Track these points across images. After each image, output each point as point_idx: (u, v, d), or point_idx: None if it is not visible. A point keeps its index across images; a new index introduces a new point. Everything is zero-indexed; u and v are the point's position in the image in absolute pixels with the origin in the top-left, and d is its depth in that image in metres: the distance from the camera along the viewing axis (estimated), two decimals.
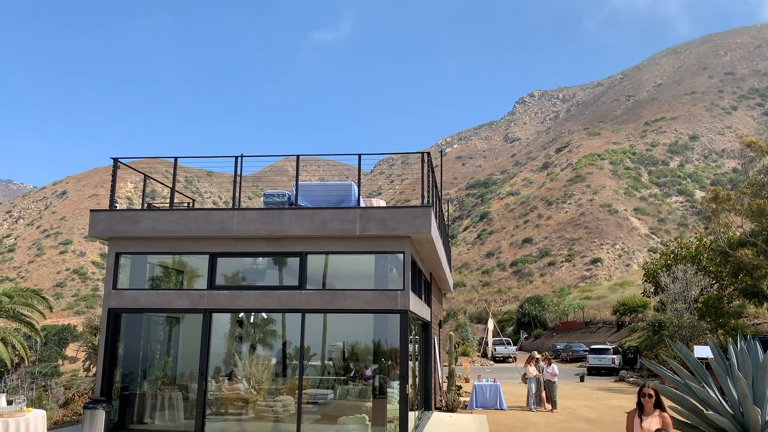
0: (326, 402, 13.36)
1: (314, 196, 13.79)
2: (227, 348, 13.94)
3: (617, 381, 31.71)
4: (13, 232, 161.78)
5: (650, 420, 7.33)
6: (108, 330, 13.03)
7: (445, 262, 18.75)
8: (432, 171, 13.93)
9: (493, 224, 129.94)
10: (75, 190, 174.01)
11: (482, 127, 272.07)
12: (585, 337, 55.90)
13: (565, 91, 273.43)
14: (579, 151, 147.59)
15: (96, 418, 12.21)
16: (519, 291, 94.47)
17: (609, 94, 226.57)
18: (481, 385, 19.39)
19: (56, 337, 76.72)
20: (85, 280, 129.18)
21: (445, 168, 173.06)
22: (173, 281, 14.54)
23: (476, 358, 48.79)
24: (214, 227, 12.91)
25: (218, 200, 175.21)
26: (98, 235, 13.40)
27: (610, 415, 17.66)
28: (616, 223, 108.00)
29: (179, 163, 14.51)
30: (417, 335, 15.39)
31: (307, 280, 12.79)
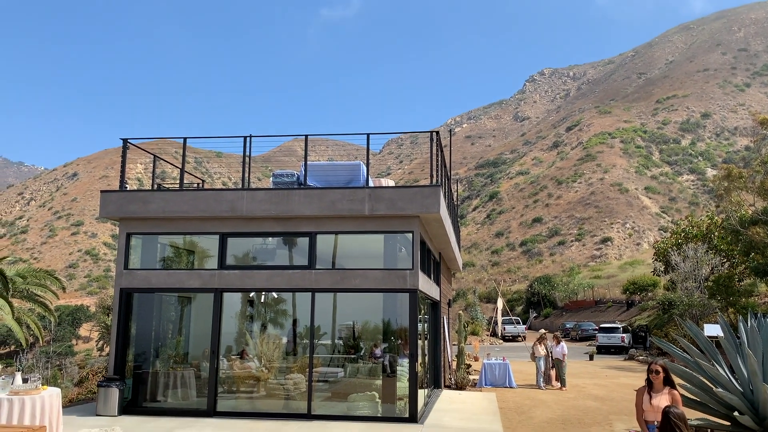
0: (336, 380, 13.48)
1: (323, 176, 13.81)
2: (238, 327, 14.07)
3: (627, 359, 31.77)
4: (25, 213, 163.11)
5: (659, 397, 7.35)
6: (120, 309, 13.18)
7: (454, 241, 18.76)
8: (441, 150, 13.89)
9: (502, 204, 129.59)
10: (86, 171, 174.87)
11: (492, 106, 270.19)
12: (594, 316, 55.93)
13: (575, 68, 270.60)
14: (589, 130, 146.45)
15: (110, 396, 12.40)
16: (528, 271, 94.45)
17: (620, 71, 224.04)
18: (491, 363, 19.49)
19: (70, 317, 77.67)
20: (97, 261, 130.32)
21: (454, 148, 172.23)
22: (184, 261, 14.64)
23: (485, 337, 48.98)
24: (224, 207, 12.96)
25: (228, 181, 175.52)
26: (109, 215, 13.49)
27: (619, 393, 17.72)
28: (626, 202, 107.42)
29: (188, 145, 14.55)
30: (426, 314, 15.46)
31: (317, 260, 12.85)
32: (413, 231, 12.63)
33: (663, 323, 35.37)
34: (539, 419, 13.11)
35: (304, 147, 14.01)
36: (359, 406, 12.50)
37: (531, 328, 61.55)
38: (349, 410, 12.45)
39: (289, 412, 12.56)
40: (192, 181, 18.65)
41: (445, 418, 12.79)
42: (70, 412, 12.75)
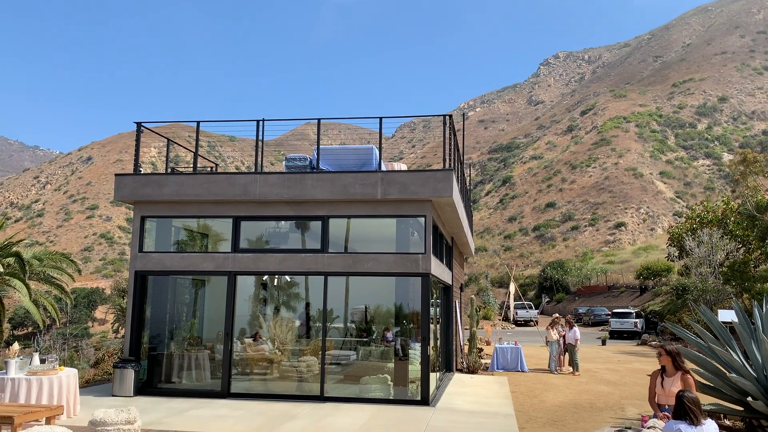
0: (349, 363, 13.57)
1: (336, 160, 13.80)
2: (252, 310, 14.17)
3: (639, 344, 31.70)
4: (41, 197, 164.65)
5: (671, 381, 7.34)
6: (135, 292, 13.31)
7: (467, 226, 18.73)
8: (454, 134, 13.83)
9: (515, 189, 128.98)
10: (100, 155, 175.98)
11: (506, 89, 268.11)
12: (607, 301, 55.76)
13: (591, 52, 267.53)
14: (604, 114, 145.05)
15: (125, 377, 12.57)
16: (541, 255, 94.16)
17: (636, 54, 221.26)
18: (503, 347, 19.51)
19: (85, 299, 78.62)
20: (111, 244, 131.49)
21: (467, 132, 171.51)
22: (198, 244, 14.75)
23: (497, 322, 49.03)
24: (237, 191, 13.01)
25: (241, 165, 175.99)
26: (124, 198, 13.59)
27: (631, 378, 17.71)
28: (641, 187, 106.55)
29: (201, 129, 14.59)
30: (438, 298, 15.49)
31: (329, 244, 12.90)
32: (426, 215, 12.62)
33: (677, 309, 35.20)
34: (551, 403, 13.14)
35: (317, 131, 14.00)
36: (371, 389, 12.60)
37: (543, 313, 61.51)
38: (361, 392, 12.54)
39: (302, 393, 12.68)
40: (205, 165, 18.72)
41: (457, 401, 12.85)
42: (87, 392, 12.95)
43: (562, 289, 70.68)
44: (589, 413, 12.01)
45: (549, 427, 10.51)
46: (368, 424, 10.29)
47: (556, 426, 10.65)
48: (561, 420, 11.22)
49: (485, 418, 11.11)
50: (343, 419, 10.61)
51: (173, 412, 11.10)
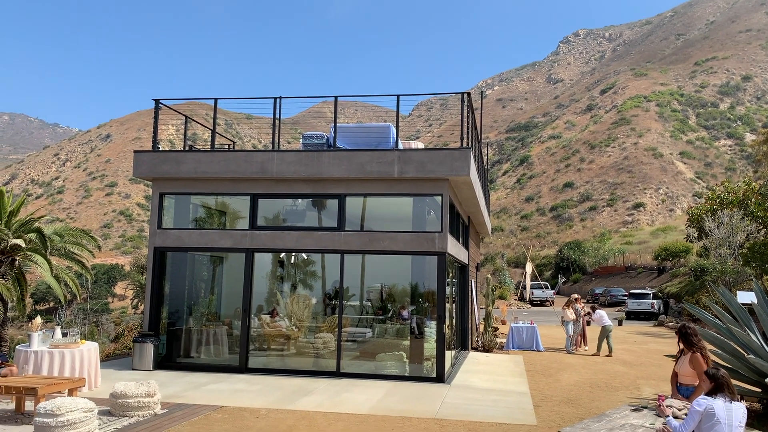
0: (365, 340, 13.68)
1: (353, 138, 13.78)
2: (269, 287, 14.30)
3: (656, 325, 31.57)
4: (61, 174, 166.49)
5: (683, 360, 7.34)
6: (154, 268, 13.47)
7: (484, 205, 18.67)
8: (472, 112, 13.73)
9: (533, 168, 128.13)
10: (118, 133, 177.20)
11: (524, 68, 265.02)
12: (624, 282, 55.49)
13: (611, 29, 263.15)
14: (624, 93, 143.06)
15: (145, 352, 12.79)
16: (558, 236, 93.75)
17: (658, 32, 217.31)
18: (518, 326, 19.53)
19: (105, 275, 79.80)
20: (130, 221, 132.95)
21: (485, 111, 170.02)
22: (216, 221, 14.86)
23: (513, 302, 49.05)
24: (255, 168, 13.06)
25: (257, 143, 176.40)
26: (142, 175, 13.70)
27: (647, 359, 17.67)
28: (660, 167, 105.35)
29: (219, 107, 14.61)
30: (454, 278, 15.51)
31: (346, 222, 12.93)
32: (442, 194, 12.59)
33: (695, 290, 34.95)
34: (566, 382, 13.17)
35: (334, 109, 13.97)
36: (387, 366, 12.70)
37: (559, 294, 61.40)
38: (377, 369, 12.65)
39: (318, 369, 12.81)
40: (223, 143, 18.78)
41: (472, 379, 12.92)
42: (107, 366, 13.19)
43: (578, 269, 70.42)
44: (605, 393, 12.03)
45: (564, 406, 10.54)
46: (384, 399, 10.40)
47: (571, 405, 10.69)
48: (576, 399, 11.25)
49: (500, 396, 11.17)
50: (359, 395, 10.72)
51: (192, 386, 11.28)
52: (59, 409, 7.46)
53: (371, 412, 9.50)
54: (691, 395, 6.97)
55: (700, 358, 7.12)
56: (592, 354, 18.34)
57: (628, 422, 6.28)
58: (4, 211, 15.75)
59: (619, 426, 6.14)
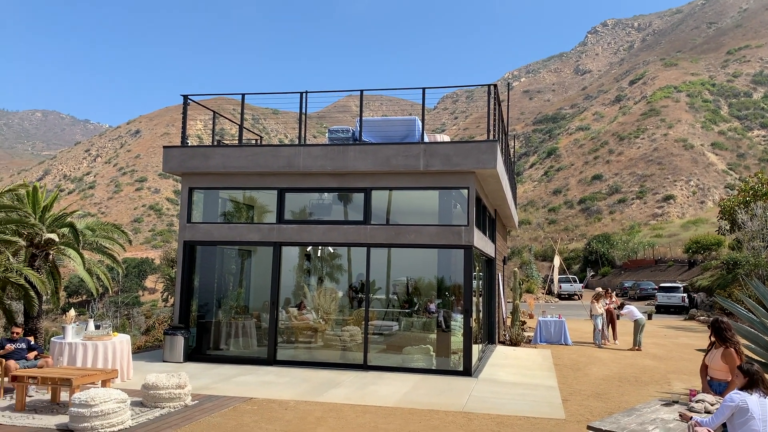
0: (391, 333, 13.72)
1: (378, 131, 13.78)
2: (296, 280, 14.41)
3: (687, 319, 31.09)
4: (92, 169, 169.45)
5: (715, 354, 7.22)
6: (184, 261, 13.66)
7: (511, 198, 18.55)
8: (498, 104, 13.64)
9: (561, 161, 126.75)
10: (148, 129, 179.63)
11: (551, 59, 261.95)
12: (654, 275, 54.71)
13: (640, 19, 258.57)
14: (654, 83, 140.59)
15: (176, 344, 12.99)
16: (587, 229, 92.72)
17: (689, 21, 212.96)
18: (546, 320, 19.39)
19: (136, 269, 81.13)
20: (160, 215, 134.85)
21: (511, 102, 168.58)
22: (244, 215, 15.01)
23: (541, 295, 48.69)
24: (282, 163, 13.15)
25: (284, 138, 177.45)
26: (172, 170, 13.88)
27: (678, 353, 17.43)
28: (691, 159, 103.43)
29: (246, 102, 14.72)
30: (481, 271, 15.45)
31: (372, 216, 12.96)
32: (469, 187, 12.54)
33: (726, 283, 34.32)
34: (595, 376, 13.06)
35: (359, 103, 13.99)
36: (414, 359, 12.72)
37: (588, 287, 60.77)
38: (403, 362, 12.68)
39: (345, 362, 12.89)
40: (250, 138, 18.93)
41: (500, 373, 12.88)
42: (139, 358, 13.43)
43: (607, 263, 69.59)
44: (634, 387, 11.90)
45: (593, 400, 10.46)
46: (411, 392, 10.42)
47: (600, 399, 10.60)
48: (605, 393, 11.15)
49: (528, 390, 11.12)
50: (387, 387, 10.76)
51: (221, 377, 11.43)
52: (93, 400, 7.63)
53: (398, 404, 9.54)
54: (723, 391, 6.86)
55: (734, 353, 6.99)
56: (629, 349, 18.08)
57: (658, 417, 6.21)
58: (38, 207, 16.09)
59: (650, 420, 6.07)
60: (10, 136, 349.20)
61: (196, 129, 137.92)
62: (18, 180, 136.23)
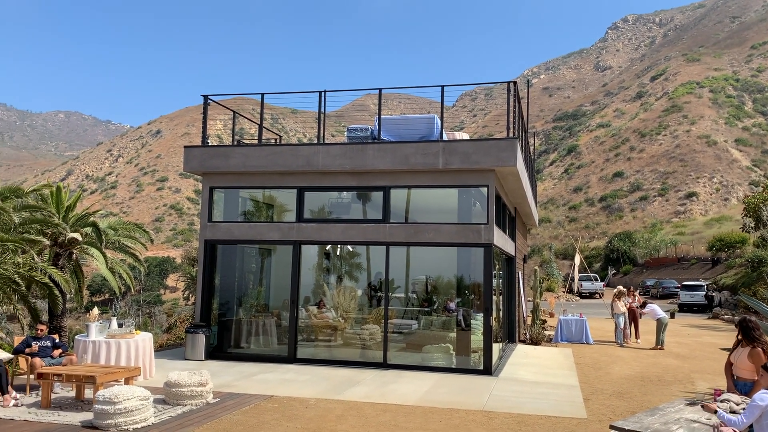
0: (411, 332, 13.71)
1: (397, 130, 13.77)
2: (315, 279, 14.45)
3: (710, 318, 30.68)
4: (114, 169, 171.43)
5: (739, 352, 7.11)
6: (205, 260, 13.77)
7: (531, 196, 18.43)
8: (518, 102, 13.55)
9: (581, 158, 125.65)
10: (168, 129, 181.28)
11: (571, 55, 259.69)
12: (677, 273, 54.06)
13: (662, 14, 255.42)
14: (676, 79, 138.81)
15: (197, 342, 13.10)
16: (608, 227, 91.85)
17: (711, 16, 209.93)
18: (567, 319, 19.24)
19: (157, 268, 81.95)
20: (181, 215, 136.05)
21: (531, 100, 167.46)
22: (264, 215, 15.09)
23: (561, 294, 48.34)
24: (301, 162, 13.19)
25: (303, 137, 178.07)
26: (192, 170, 14.00)
27: (701, 352, 17.20)
28: (714, 155, 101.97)
29: (265, 102, 14.80)
30: (501, 269, 15.37)
31: (391, 214, 12.95)
32: (488, 185, 12.48)
33: (751, 281, 33.79)
34: (617, 375, 12.93)
35: (378, 101, 13.99)
36: (434, 357, 12.70)
37: (609, 285, 60.23)
38: (423, 361, 12.67)
39: (365, 360, 12.90)
40: (269, 138, 19.02)
41: (520, 372, 12.81)
42: (161, 356, 13.56)
43: (629, 261, 68.89)
44: (657, 386, 11.77)
45: (615, 399, 10.36)
46: (431, 391, 10.41)
47: (622, 398, 10.49)
48: (627, 392, 11.04)
49: (549, 389, 11.05)
50: (407, 386, 10.76)
51: (242, 375, 11.51)
52: (117, 397, 7.72)
53: (418, 403, 9.53)
54: (749, 391, 6.75)
55: (761, 353, 6.89)
56: (651, 348, 17.86)
57: (683, 417, 6.13)
58: (61, 206, 16.32)
59: (674, 420, 5.99)
60: (34, 137, 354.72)
61: (216, 129, 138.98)
62: (42, 180, 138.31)
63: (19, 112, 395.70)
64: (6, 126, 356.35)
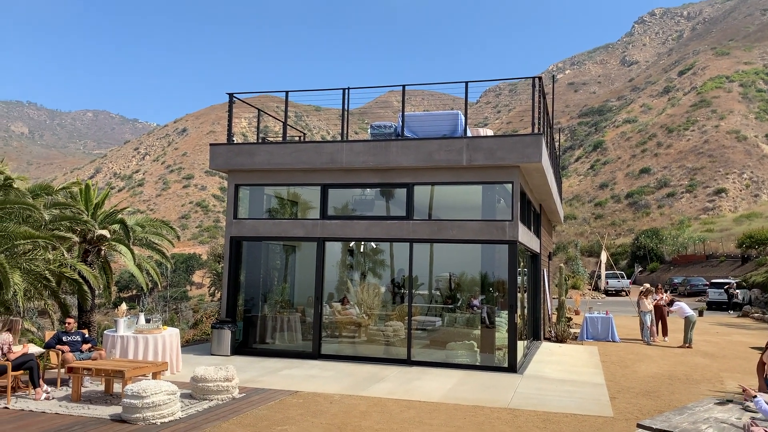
0: (434, 329, 13.69)
1: (420, 126, 13.73)
2: (339, 275, 14.50)
3: (740, 316, 30.15)
4: (141, 167, 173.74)
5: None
6: (231, 256, 13.90)
7: (556, 193, 18.28)
8: (543, 97, 13.44)
9: (607, 154, 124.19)
10: (194, 127, 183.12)
11: (597, 50, 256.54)
12: (705, 271, 53.21)
13: (690, 7, 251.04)
14: (704, 74, 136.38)
15: (223, 337, 13.23)
16: (634, 224, 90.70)
17: (741, 8, 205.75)
18: (593, 317, 19.06)
19: (184, 264, 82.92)
20: (207, 212, 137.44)
21: (556, 95, 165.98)
22: (288, 212, 15.18)
23: (587, 291, 47.89)
24: (325, 159, 13.24)
25: (326, 135, 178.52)
26: (218, 167, 14.13)
27: (731, 351, 16.91)
28: (744, 151, 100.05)
29: (289, 100, 14.87)
30: (526, 267, 15.27)
31: (414, 211, 12.93)
32: (513, 181, 12.40)
33: None
34: (644, 374, 12.78)
35: (402, 98, 13.96)
36: (458, 355, 12.67)
37: (636, 283, 59.51)
38: (447, 358, 12.64)
39: (389, 357, 12.92)
40: (293, 135, 19.12)
41: (545, 369, 12.73)
42: (187, 351, 13.73)
43: (656, 258, 67.98)
44: (685, 385, 11.60)
45: (642, 398, 10.24)
46: (455, 388, 10.39)
47: (649, 397, 10.37)
48: (655, 391, 10.90)
49: (574, 387, 10.96)
50: (431, 383, 10.75)
51: (267, 371, 11.60)
52: (145, 392, 7.84)
53: (443, 400, 9.52)
54: None
55: None
56: (679, 346, 17.60)
57: (712, 416, 6.03)
58: (90, 204, 16.60)
59: (703, 420, 5.90)
60: (63, 135, 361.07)
61: (240, 127, 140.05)
62: (71, 178, 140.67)
63: (48, 111, 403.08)
64: (36, 125, 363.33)
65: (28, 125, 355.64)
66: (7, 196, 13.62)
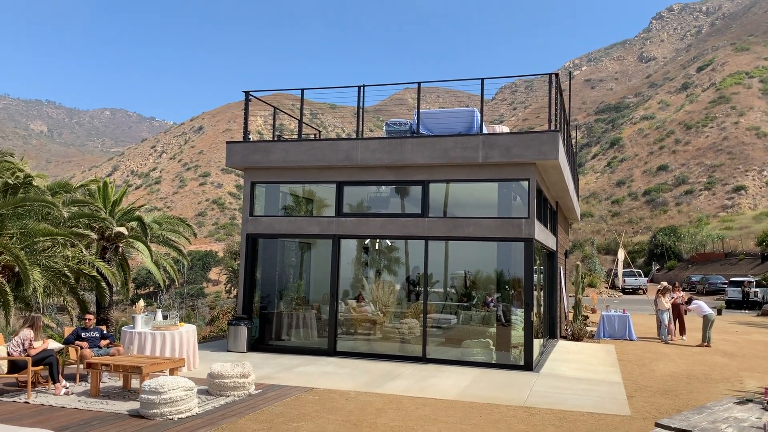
0: (450, 327, 13.67)
1: (436, 124, 13.68)
2: (354, 273, 14.52)
3: (759, 315, 29.79)
4: (158, 165, 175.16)
5: None
6: (247, 253, 13.97)
7: (573, 190, 18.15)
8: (560, 94, 13.34)
9: (624, 151, 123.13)
10: (210, 125, 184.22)
11: (614, 46, 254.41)
12: (724, 269, 52.66)
13: (709, 3, 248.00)
14: (724, 70, 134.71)
15: (239, 334, 13.31)
16: (652, 221, 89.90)
17: (762, 3, 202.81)
18: (609, 315, 18.92)
19: (200, 261, 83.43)
20: (223, 209, 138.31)
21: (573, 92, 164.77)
22: (304, 209, 15.23)
23: (604, 290, 47.56)
24: (340, 157, 13.25)
25: (341, 132, 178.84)
26: (234, 165, 14.20)
27: (751, 350, 16.70)
28: (764, 148, 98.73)
29: (304, 98, 14.90)
30: (542, 265, 15.19)
31: (430, 208, 12.91)
32: (529, 179, 12.33)
33: None
34: (661, 372, 12.66)
35: (417, 95, 13.94)
36: (473, 353, 12.64)
37: (653, 281, 59.03)
38: (462, 356, 12.62)
39: (404, 354, 12.92)
40: (309, 133, 19.15)
41: (562, 368, 12.65)
42: (204, 347, 13.82)
43: (674, 256, 67.37)
44: (704, 384, 11.48)
45: (659, 397, 10.15)
46: (471, 386, 10.36)
47: (667, 396, 10.27)
48: (673, 390, 10.80)
49: (591, 385, 10.89)
50: (446, 380, 10.74)
51: (283, 367, 11.65)
52: (162, 387, 7.90)
53: (458, 398, 9.50)
54: None
55: None
56: (697, 345, 17.42)
57: (731, 415, 5.97)
58: (108, 201, 16.76)
59: (722, 419, 5.84)
60: (81, 133, 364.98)
61: (256, 125, 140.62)
62: (89, 176, 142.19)
63: (67, 109, 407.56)
64: (55, 123, 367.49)
65: (47, 123, 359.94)
66: (26, 193, 13.79)
